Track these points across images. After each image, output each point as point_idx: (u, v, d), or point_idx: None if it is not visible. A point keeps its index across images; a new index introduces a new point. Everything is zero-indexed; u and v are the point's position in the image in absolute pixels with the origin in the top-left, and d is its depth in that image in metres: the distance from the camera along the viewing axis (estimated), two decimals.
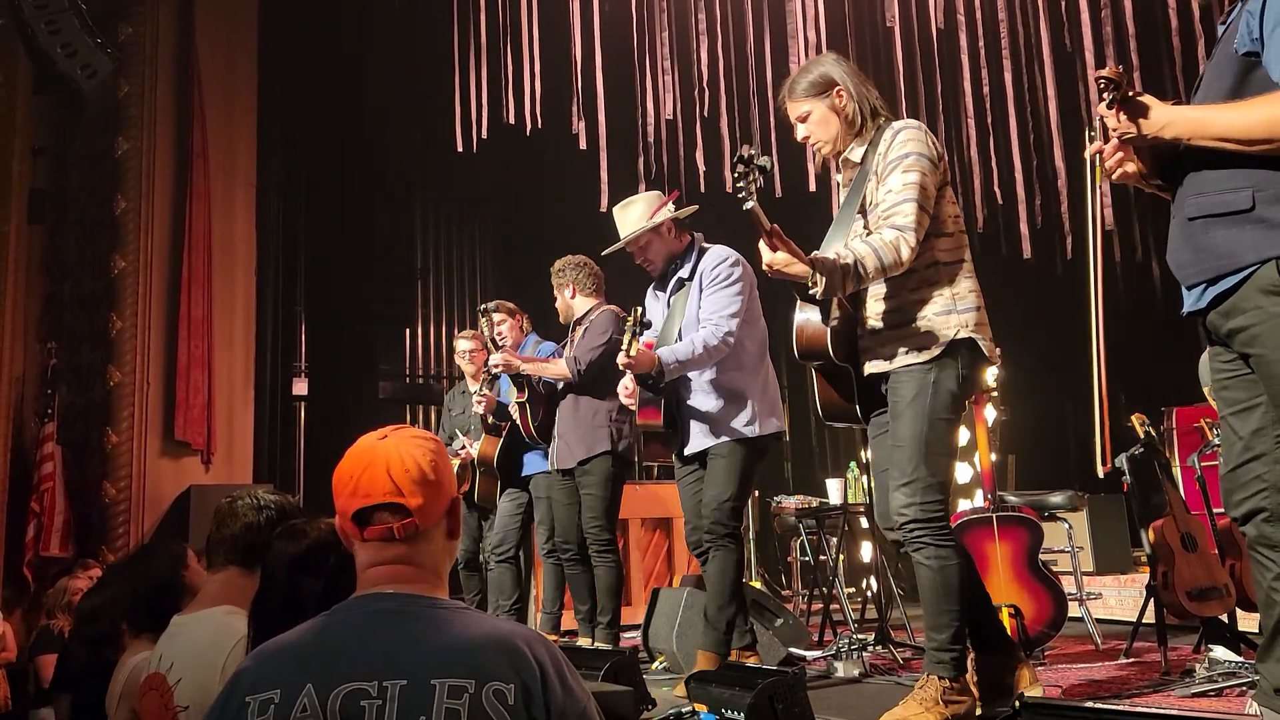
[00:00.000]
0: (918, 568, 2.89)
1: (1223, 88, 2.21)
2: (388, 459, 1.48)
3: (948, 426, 2.90)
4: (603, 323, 4.78)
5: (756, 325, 3.98)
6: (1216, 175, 2.18)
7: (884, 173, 2.94)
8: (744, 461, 3.82)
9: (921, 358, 2.89)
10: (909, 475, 2.85)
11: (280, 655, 1.42)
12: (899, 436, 2.90)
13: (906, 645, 4.74)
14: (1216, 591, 3.87)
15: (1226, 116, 2.13)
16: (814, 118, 3.09)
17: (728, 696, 2.64)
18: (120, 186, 7.11)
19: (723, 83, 6.82)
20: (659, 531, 6.65)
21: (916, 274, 2.92)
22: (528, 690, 1.36)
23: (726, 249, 4.01)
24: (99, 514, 6.74)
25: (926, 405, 2.86)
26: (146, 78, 7.25)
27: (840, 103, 3.06)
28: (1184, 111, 2.21)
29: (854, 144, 3.09)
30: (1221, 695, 3.24)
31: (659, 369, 3.74)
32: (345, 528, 1.52)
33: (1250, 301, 2.12)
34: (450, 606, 1.48)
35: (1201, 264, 2.21)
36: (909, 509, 2.84)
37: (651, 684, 3.67)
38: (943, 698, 2.81)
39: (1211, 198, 2.18)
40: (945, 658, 2.85)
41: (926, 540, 2.85)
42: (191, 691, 1.89)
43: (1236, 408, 2.27)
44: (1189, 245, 2.24)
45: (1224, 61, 2.24)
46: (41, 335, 6.96)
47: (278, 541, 1.90)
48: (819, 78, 3.09)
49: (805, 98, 3.09)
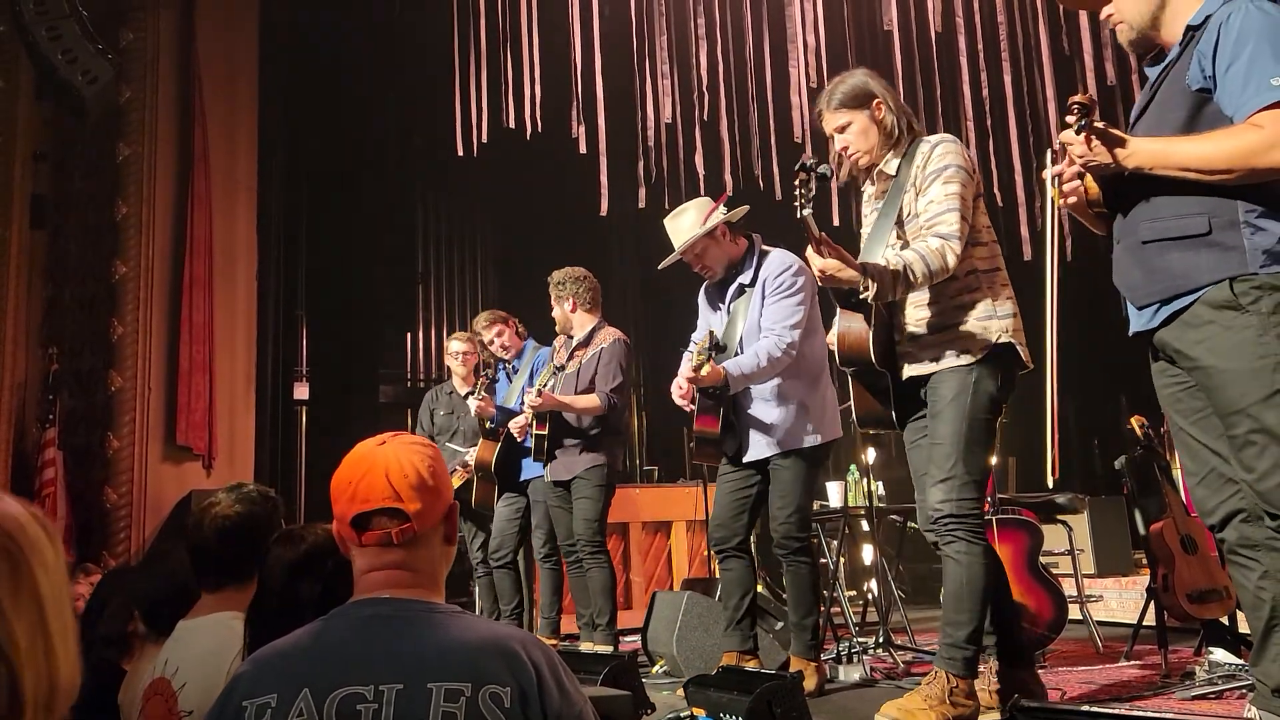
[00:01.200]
0: (945, 562, 2.97)
1: (1176, 120, 2.35)
2: (386, 465, 1.49)
3: (986, 426, 2.99)
4: (617, 354, 4.82)
5: (816, 335, 3.96)
6: (1170, 201, 2.32)
7: (924, 184, 3.05)
8: (808, 472, 3.86)
9: (963, 360, 2.98)
10: (946, 472, 2.94)
11: (277, 660, 1.43)
12: (938, 435, 2.98)
13: (908, 649, 4.74)
14: (1216, 594, 3.87)
15: (1188, 148, 2.27)
16: (854, 128, 3.16)
17: (726, 700, 2.64)
18: (121, 191, 7.11)
19: (722, 87, 6.83)
20: (659, 535, 6.66)
21: (957, 281, 3.03)
22: (524, 693, 1.36)
23: (789, 255, 3.97)
24: (100, 519, 6.73)
25: (967, 405, 2.95)
26: (147, 83, 7.26)
27: (880, 114, 3.15)
28: (1146, 143, 2.34)
29: (888, 156, 3.17)
30: (1221, 698, 3.25)
31: (725, 382, 3.74)
32: (343, 533, 1.53)
33: (1202, 318, 2.26)
34: (446, 610, 1.49)
35: (1155, 284, 2.35)
36: (944, 504, 2.93)
37: (651, 688, 3.68)
38: (949, 697, 2.83)
39: (1168, 222, 2.32)
40: (958, 655, 2.89)
41: (958, 535, 2.93)
42: (196, 696, 1.89)
43: (1194, 416, 2.38)
44: (1141, 267, 2.38)
45: (1174, 96, 2.37)
46: (43, 340, 6.97)
47: (275, 547, 1.90)
48: (858, 90, 3.18)
49: (845, 109, 3.17)
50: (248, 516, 2.14)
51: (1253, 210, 2.24)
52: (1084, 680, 3.76)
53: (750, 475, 3.93)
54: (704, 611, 4.39)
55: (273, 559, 1.88)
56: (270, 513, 2.19)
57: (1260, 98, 2.18)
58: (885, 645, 4.56)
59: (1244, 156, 2.19)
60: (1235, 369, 2.22)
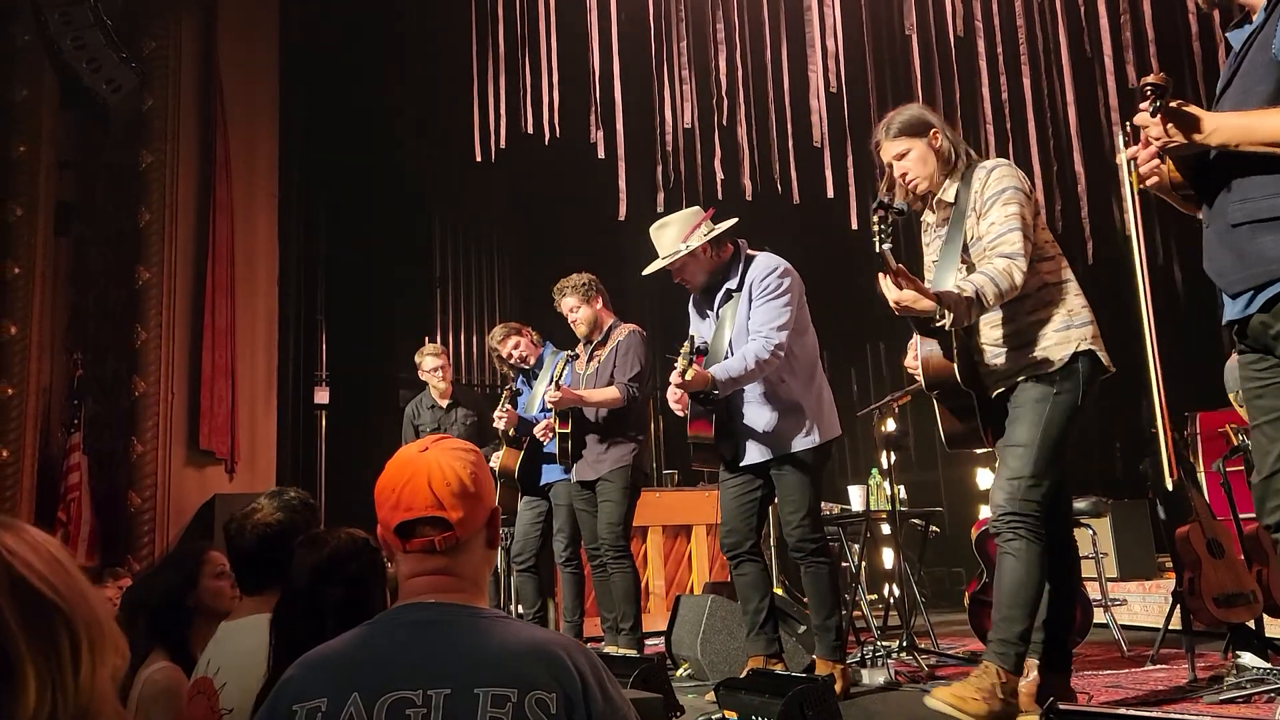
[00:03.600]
0: (1003, 558, 3.02)
1: (1263, 93, 2.20)
2: (429, 472, 1.50)
3: (1063, 433, 3.06)
4: (634, 345, 4.83)
5: (806, 334, 3.99)
6: (1261, 181, 2.18)
7: (983, 208, 3.15)
8: (812, 473, 3.88)
9: (1045, 370, 3.07)
10: (1016, 472, 3.02)
11: (326, 664, 1.44)
12: (1014, 438, 3.07)
13: (932, 652, 4.74)
14: (1244, 598, 3.86)
15: (1274, 122, 2.13)
16: (913, 155, 3.28)
17: (758, 704, 2.65)
18: (144, 199, 7.18)
19: (741, 92, 6.83)
20: (680, 538, 6.67)
21: (1030, 298, 3.13)
22: (569, 699, 1.37)
23: (774, 258, 4.01)
24: (124, 523, 6.79)
25: (1045, 412, 3.04)
26: (169, 91, 7.33)
27: (937, 142, 3.28)
28: (1229, 118, 2.21)
29: (946, 184, 3.28)
30: (1250, 702, 3.24)
31: (712, 385, 3.76)
32: (387, 539, 1.54)
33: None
34: (491, 616, 1.50)
35: (1248, 270, 2.20)
36: (1008, 501, 3.01)
37: (676, 692, 3.69)
38: (998, 692, 2.86)
39: (1259, 203, 2.18)
40: (1010, 651, 2.94)
41: (1020, 531, 2.99)
42: (237, 696, 1.92)
43: (1270, 416, 2.27)
44: (1232, 252, 2.23)
45: (1259, 67, 2.23)
46: (67, 346, 7.04)
47: (299, 550, 1.93)
48: (916, 120, 3.32)
49: (904, 137, 3.30)
50: (288, 523, 2.18)
51: None
52: (1110, 684, 3.76)
53: (751, 480, 3.94)
54: (727, 615, 4.40)
55: (297, 562, 1.90)
56: (310, 519, 2.22)
57: None
58: (909, 649, 4.56)
59: None
60: None
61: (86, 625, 0.94)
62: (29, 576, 0.92)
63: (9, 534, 0.95)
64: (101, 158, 7.25)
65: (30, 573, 0.92)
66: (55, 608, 0.92)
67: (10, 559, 0.92)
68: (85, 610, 0.95)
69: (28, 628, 0.90)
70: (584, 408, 4.82)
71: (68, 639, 0.92)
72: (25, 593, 0.91)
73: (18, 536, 0.96)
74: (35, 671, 0.89)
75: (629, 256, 10.16)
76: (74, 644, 0.92)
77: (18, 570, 0.92)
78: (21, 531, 0.97)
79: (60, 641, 0.92)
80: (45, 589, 0.93)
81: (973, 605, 4.49)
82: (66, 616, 0.93)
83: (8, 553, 0.93)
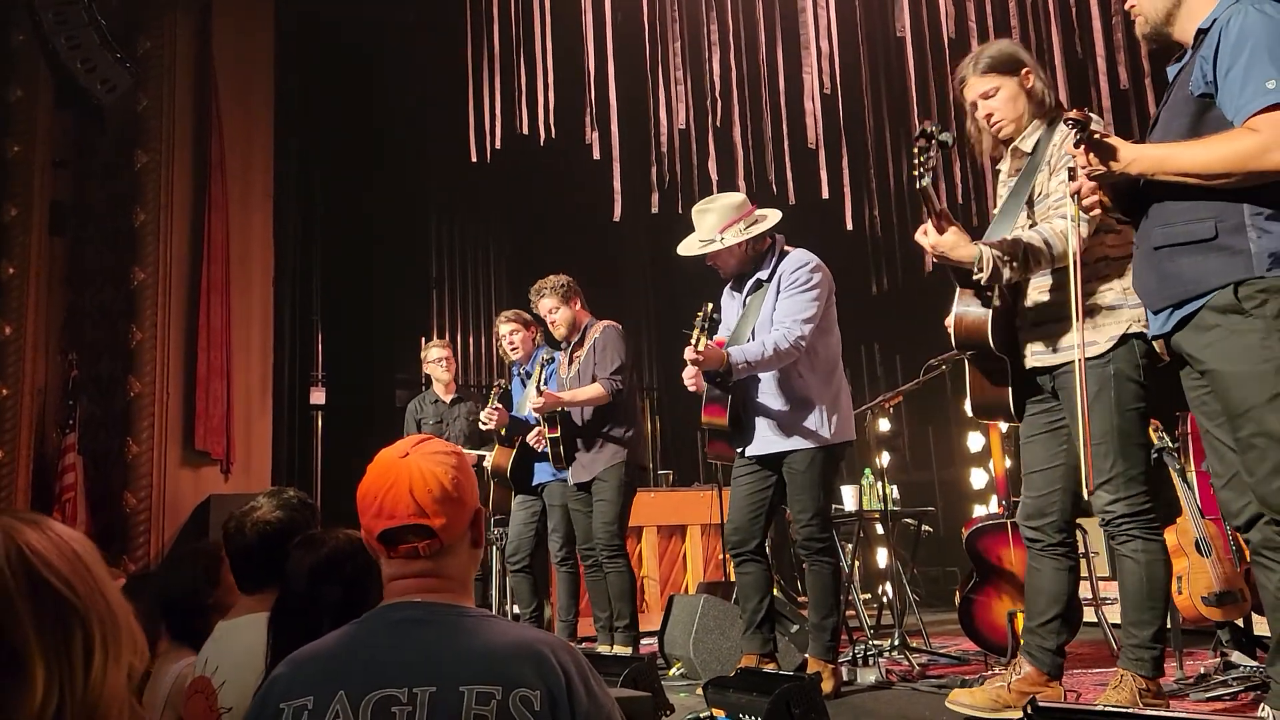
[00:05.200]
0: (1122, 561, 2.89)
1: (1181, 126, 2.36)
2: (410, 479, 1.50)
3: (1138, 416, 2.88)
4: (611, 340, 4.84)
5: (831, 334, 3.98)
6: (1180, 207, 2.33)
7: (1058, 164, 2.93)
8: (823, 471, 3.85)
9: (1093, 351, 2.84)
10: (1108, 472, 2.84)
11: (313, 662, 1.46)
12: (1092, 434, 2.82)
13: (924, 651, 4.76)
14: (1231, 596, 3.88)
15: (1188, 154, 2.28)
16: (1002, 94, 3.04)
17: (745, 701, 2.67)
18: (139, 198, 7.18)
19: (735, 93, 6.85)
20: (675, 538, 6.68)
21: (1086, 268, 2.85)
22: (553, 696, 1.39)
23: (808, 253, 4.00)
24: (120, 524, 6.79)
25: (1112, 398, 2.85)
26: (165, 91, 7.33)
27: (1029, 83, 3.04)
28: (1147, 150, 2.36)
29: (1027, 132, 3.05)
30: (1237, 700, 3.26)
31: (727, 367, 3.75)
32: (371, 545, 1.55)
33: (1209, 322, 2.28)
34: (476, 614, 1.51)
35: (1166, 290, 2.37)
36: (1115, 505, 2.85)
37: (668, 690, 3.71)
38: (1140, 699, 2.80)
39: (1177, 228, 2.34)
40: (1145, 656, 2.86)
41: (1134, 533, 2.86)
42: (235, 694, 1.93)
43: (1219, 419, 2.38)
44: (1154, 273, 2.40)
45: (1179, 103, 2.39)
46: (63, 346, 7.03)
47: (296, 550, 1.94)
48: (1007, 55, 3.06)
49: (995, 73, 3.05)
50: (288, 522, 2.19)
51: (1260, 213, 2.23)
52: (1099, 682, 3.77)
53: (766, 476, 3.93)
54: (720, 615, 4.42)
55: (294, 562, 1.91)
56: (308, 519, 2.24)
57: (1256, 101, 2.17)
58: (901, 648, 4.58)
59: (1240, 161, 2.19)
60: (1240, 372, 2.23)
61: (102, 624, 0.95)
62: (47, 575, 0.94)
63: (33, 530, 0.97)
64: (96, 158, 7.24)
65: (49, 571, 0.94)
66: (71, 606, 0.94)
67: (31, 557, 0.94)
68: (102, 609, 0.96)
69: (41, 625, 0.91)
70: (571, 409, 4.83)
71: (81, 637, 0.93)
72: (42, 590, 0.93)
73: (41, 533, 0.97)
74: (45, 667, 0.90)
75: (626, 258, 10.22)
76: (87, 642, 0.93)
77: (37, 568, 0.93)
78: (46, 529, 0.98)
79: (73, 640, 0.93)
80: (63, 587, 0.94)
81: (964, 605, 4.50)
82: (82, 615, 0.94)
83: (29, 550, 0.94)
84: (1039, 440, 3.09)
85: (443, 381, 5.98)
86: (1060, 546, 3.08)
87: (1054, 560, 3.09)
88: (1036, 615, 3.11)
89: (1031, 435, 3.12)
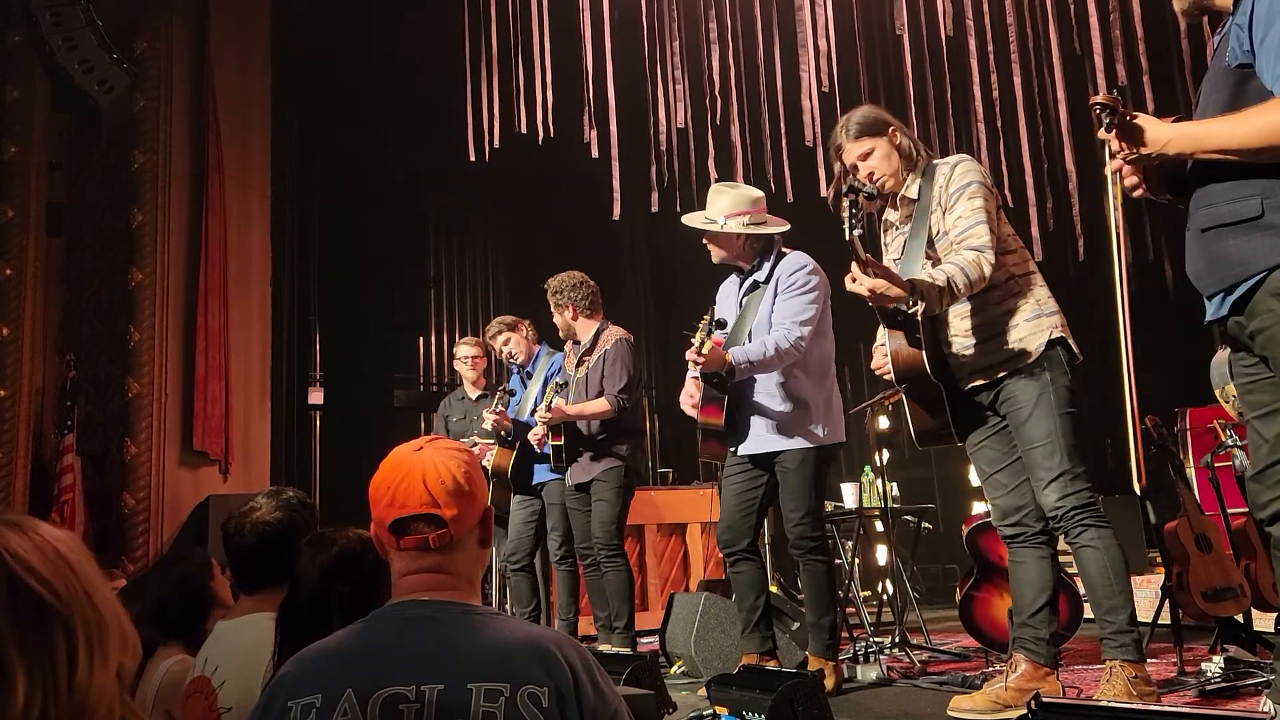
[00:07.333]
0: (1082, 552, 3.04)
1: (1220, 100, 2.25)
2: (424, 470, 1.52)
3: (1073, 419, 3.10)
4: (621, 354, 4.84)
5: (825, 337, 4.00)
6: (1224, 186, 2.21)
7: (949, 203, 3.20)
8: (814, 471, 3.89)
9: (1025, 362, 3.11)
10: (1056, 470, 3.04)
11: (321, 660, 1.46)
12: (1032, 438, 3.08)
13: (924, 648, 4.76)
14: (1231, 592, 3.89)
15: (1225, 129, 2.17)
16: (877, 154, 3.30)
17: (749, 699, 2.67)
18: (137, 199, 7.17)
19: (733, 91, 6.86)
20: (674, 537, 6.68)
21: (998, 289, 3.17)
22: (560, 693, 1.39)
23: (805, 256, 4.02)
24: (118, 524, 6.79)
25: (1051, 402, 3.07)
26: (162, 92, 7.32)
27: (897, 139, 3.31)
28: (1183, 128, 2.25)
29: (909, 180, 3.32)
30: (1237, 695, 3.27)
31: (729, 368, 3.78)
32: (381, 536, 1.56)
33: (1263, 305, 2.16)
34: (483, 612, 1.52)
35: (1216, 273, 2.25)
36: (1066, 499, 3.03)
37: (670, 688, 3.71)
38: (1133, 686, 2.87)
39: (1221, 208, 2.22)
40: (1127, 640, 2.96)
41: (1087, 523, 3.02)
42: (235, 694, 1.93)
43: (1260, 411, 2.28)
44: (1204, 256, 2.28)
45: (1218, 75, 2.29)
46: (60, 347, 7.03)
47: (307, 549, 1.94)
48: (872, 119, 3.35)
49: (866, 137, 3.32)
50: (287, 522, 2.20)
51: None
52: (1099, 679, 3.78)
53: (757, 476, 3.95)
54: (721, 613, 4.42)
55: (305, 561, 1.92)
56: (309, 519, 2.24)
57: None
58: (901, 645, 4.59)
59: (1276, 133, 2.06)
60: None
61: (86, 626, 0.94)
62: (27, 579, 0.92)
63: (13, 534, 0.95)
64: (94, 159, 7.24)
65: (30, 575, 0.92)
66: (53, 609, 0.92)
67: (10, 561, 0.92)
68: (87, 611, 0.95)
69: (21, 631, 0.90)
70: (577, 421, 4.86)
71: (64, 641, 0.92)
72: (21, 595, 0.91)
73: (23, 536, 0.96)
74: (25, 673, 0.89)
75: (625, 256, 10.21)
76: (71, 646, 0.92)
77: (17, 574, 0.92)
78: (30, 532, 0.97)
79: (55, 644, 0.91)
80: (43, 590, 0.92)
81: (964, 601, 4.51)
82: (65, 619, 0.93)
83: (8, 555, 0.93)
84: (988, 444, 3.28)
85: (470, 379, 5.96)
86: (1041, 535, 3.20)
87: (1036, 550, 3.21)
88: (1026, 607, 3.19)
89: (978, 443, 3.30)
